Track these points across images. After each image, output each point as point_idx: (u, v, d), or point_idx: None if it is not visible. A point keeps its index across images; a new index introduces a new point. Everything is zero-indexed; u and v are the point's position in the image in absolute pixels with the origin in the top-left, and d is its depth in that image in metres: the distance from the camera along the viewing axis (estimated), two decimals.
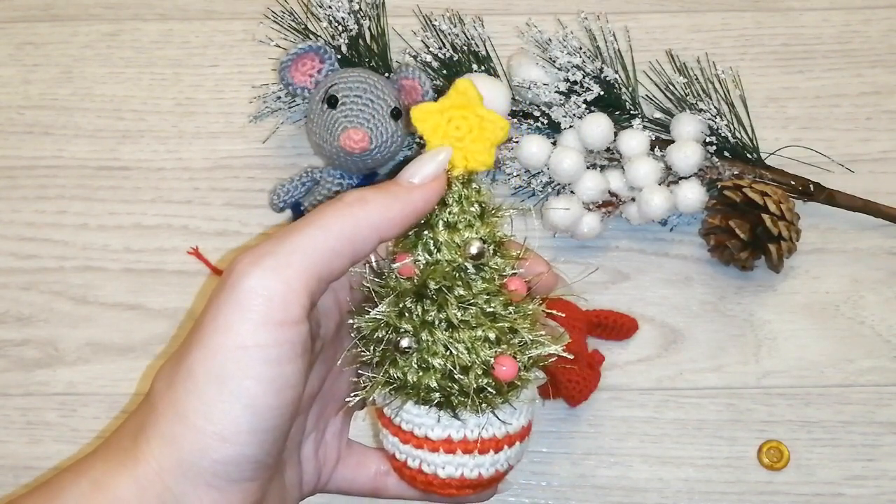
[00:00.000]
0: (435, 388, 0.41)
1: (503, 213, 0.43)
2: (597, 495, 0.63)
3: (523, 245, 0.43)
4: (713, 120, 0.64)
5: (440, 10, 0.69)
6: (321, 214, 0.40)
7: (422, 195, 0.41)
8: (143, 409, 0.40)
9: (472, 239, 0.41)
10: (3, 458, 0.63)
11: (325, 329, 0.43)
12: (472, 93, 0.42)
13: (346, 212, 0.40)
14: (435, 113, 0.42)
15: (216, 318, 0.38)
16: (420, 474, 0.44)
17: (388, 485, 0.47)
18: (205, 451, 0.37)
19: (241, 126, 0.69)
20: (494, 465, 0.44)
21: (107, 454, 0.39)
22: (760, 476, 0.63)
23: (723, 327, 0.65)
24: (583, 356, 0.61)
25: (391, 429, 0.44)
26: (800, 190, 0.64)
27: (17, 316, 0.66)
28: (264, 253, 0.39)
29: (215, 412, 0.37)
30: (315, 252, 0.39)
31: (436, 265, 0.41)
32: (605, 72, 0.65)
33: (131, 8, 0.72)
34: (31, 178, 0.68)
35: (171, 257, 0.67)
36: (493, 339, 0.41)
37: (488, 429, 0.42)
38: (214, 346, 0.38)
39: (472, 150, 0.41)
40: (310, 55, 0.63)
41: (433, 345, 0.41)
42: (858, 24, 0.71)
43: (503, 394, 0.42)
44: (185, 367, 0.38)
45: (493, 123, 0.42)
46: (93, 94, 0.70)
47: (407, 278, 0.41)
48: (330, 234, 0.39)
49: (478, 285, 0.41)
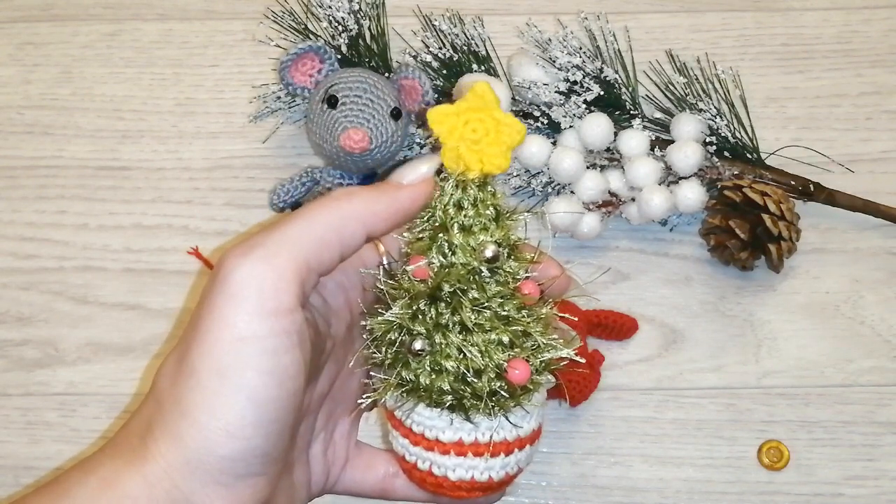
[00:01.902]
0: (447, 391, 0.41)
1: (518, 216, 0.43)
2: (597, 495, 0.63)
3: (537, 248, 0.43)
4: (713, 120, 0.64)
5: (440, 10, 0.69)
6: (309, 208, 0.41)
7: (409, 194, 0.42)
8: (149, 406, 0.40)
9: (488, 242, 0.41)
10: (3, 458, 0.63)
11: (336, 329, 0.43)
12: (490, 96, 0.42)
13: (333, 205, 0.40)
14: (451, 115, 0.42)
15: (211, 312, 0.38)
16: (430, 476, 0.44)
17: (396, 486, 0.47)
18: (211, 448, 0.37)
19: (241, 126, 0.69)
20: (505, 468, 0.44)
21: (114, 452, 0.39)
22: (760, 476, 0.63)
23: (723, 327, 0.65)
24: (583, 356, 0.61)
25: (401, 430, 0.44)
26: (800, 190, 0.65)
27: (17, 316, 0.66)
28: (253, 244, 0.39)
29: (219, 407, 0.37)
30: (303, 242, 0.39)
31: (450, 268, 0.41)
32: (605, 72, 0.65)
33: (131, 8, 0.72)
34: (31, 178, 0.68)
35: (171, 257, 0.67)
36: (507, 343, 0.41)
37: (500, 432, 0.42)
38: (212, 340, 0.38)
39: (487, 154, 0.41)
40: (310, 55, 0.63)
41: (446, 347, 0.41)
42: (858, 24, 0.71)
43: (515, 397, 0.42)
44: (187, 364, 0.38)
45: (510, 127, 0.42)
46: (93, 94, 0.70)
47: (421, 280, 0.41)
48: (317, 224, 0.40)
49: (492, 288, 0.41)
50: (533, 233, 0.44)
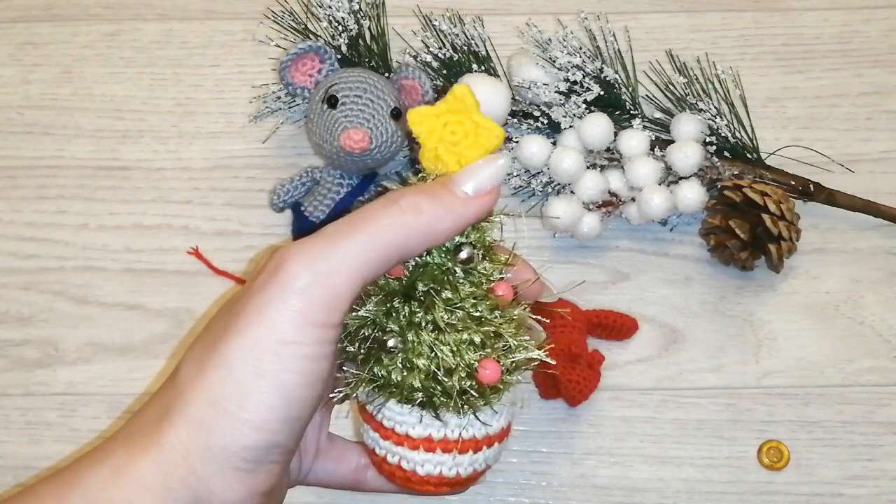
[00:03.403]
0: (418, 389, 0.41)
1: (494, 218, 0.43)
2: (597, 495, 0.63)
3: (511, 250, 0.43)
4: (713, 120, 0.64)
5: (440, 10, 0.69)
6: (374, 219, 0.39)
7: (475, 209, 0.41)
8: (168, 393, 0.40)
9: (463, 244, 0.42)
10: (3, 458, 0.63)
11: None
12: (469, 99, 0.42)
13: (400, 220, 0.39)
14: (431, 116, 0.42)
15: (259, 311, 0.38)
16: (399, 470, 0.44)
17: (367, 479, 0.48)
18: (237, 437, 0.38)
19: (241, 126, 0.69)
20: (473, 464, 0.44)
21: (127, 440, 0.39)
22: (760, 476, 0.63)
23: (723, 327, 0.65)
24: (583, 356, 0.61)
25: (372, 424, 0.45)
26: (800, 190, 0.65)
27: (17, 316, 0.66)
28: (317, 253, 0.39)
29: (251, 401, 0.38)
30: (366, 262, 0.39)
31: (425, 267, 0.41)
32: (605, 72, 0.65)
33: (131, 8, 0.72)
34: (31, 178, 0.68)
35: (171, 257, 0.67)
36: (478, 343, 0.41)
37: (468, 429, 0.43)
38: (254, 337, 0.38)
39: (466, 156, 0.42)
40: (310, 55, 0.63)
41: (419, 346, 0.41)
42: (858, 24, 0.71)
43: (485, 396, 0.42)
44: (220, 355, 0.38)
45: (489, 131, 0.42)
46: (93, 94, 0.70)
47: (395, 278, 0.42)
48: (381, 243, 0.39)
49: (465, 289, 0.42)
50: (533, 233, 0.44)
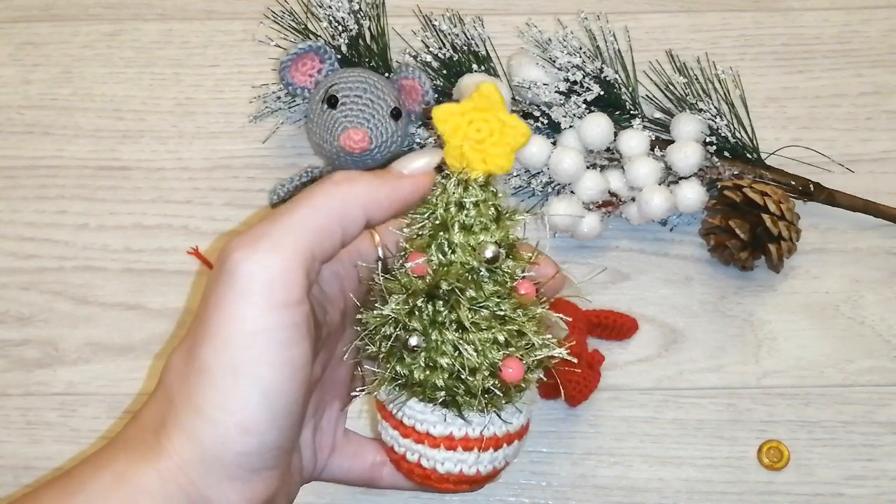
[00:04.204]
0: (441, 388, 0.41)
1: (518, 216, 0.43)
2: (597, 495, 0.63)
3: (535, 248, 0.43)
4: (713, 120, 0.64)
5: (440, 10, 0.69)
6: (310, 194, 0.40)
7: (410, 184, 0.42)
8: (159, 402, 0.40)
9: (488, 243, 0.42)
10: (3, 458, 0.63)
11: (331, 317, 0.43)
12: (496, 97, 0.42)
13: (335, 190, 0.40)
14: (456, 114, 0.42)
15: (220, 307, 0.38)
16: (418, 468, 0.44)
17: (383, 475, 0.48)
18: (227, 445, 0.38)
19: (241, 126, 0.69)
20: (493, 462, 0.44)
21: (128, 447, 0.39)
22: (760, 476, 0.63)
23: (723, 327, 0.65)
24: (583, 356, 0.61)
25: (392, 422, 0.44)
26: (800, 190, 0.65)
27: (17, 316, 0.66)
28: (258, 235, 0.39)
29: (233, 403, 0.38)
30: (307, 231, 0.39)
31: (449, 266, 0.41)
32: (605, 72, 0.65)
33: (131, 8, 0.72)
34: (31, 178, 0.68)
35: (171, 257, 0.67)
36: (502, 342, 0.41)
37: (490, 428, 0.43)
38: (223, 336, 0.38)
39: (491, 154, 0.42)
40: (310, 55, 0.63)
41: (442, 345, 0.41)
42: (858, 24, 0.71)
43: (508, 395, 0.42)
44: (198, 360, 0.38)
45: (515, 129, 0.42)
46: (93, 94, 0.70)
47: (419, 277, 0.41)
48: (320, 212, 0.40)
49: (489, 288, 0.42)
50: (532, 233, 0.44)
